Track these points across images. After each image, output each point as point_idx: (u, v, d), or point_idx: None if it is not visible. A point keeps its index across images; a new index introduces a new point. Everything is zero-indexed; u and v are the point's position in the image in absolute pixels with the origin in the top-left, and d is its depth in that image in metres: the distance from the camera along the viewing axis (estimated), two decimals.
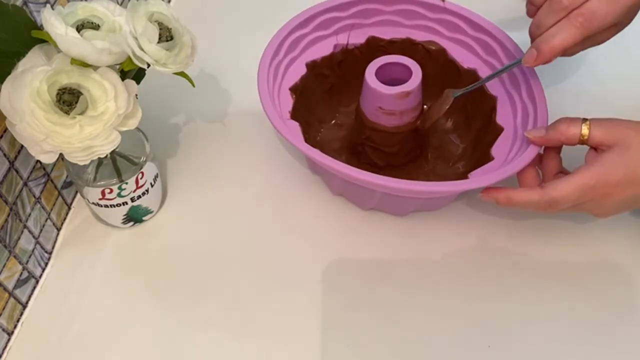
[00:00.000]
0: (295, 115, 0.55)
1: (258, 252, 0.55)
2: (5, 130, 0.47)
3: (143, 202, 0.54)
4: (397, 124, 0.53)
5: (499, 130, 0.55)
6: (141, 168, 0.52)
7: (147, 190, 0.54)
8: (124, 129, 0.45)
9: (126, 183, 0.51)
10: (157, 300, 0.52)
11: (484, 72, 0.58)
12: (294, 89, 0.57)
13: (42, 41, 0.44)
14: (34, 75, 0.41)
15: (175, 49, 0.45)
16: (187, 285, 0.53)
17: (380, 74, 0.52)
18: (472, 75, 0.58)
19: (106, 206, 0.53)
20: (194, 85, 0.50)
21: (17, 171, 0.49)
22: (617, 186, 0.45)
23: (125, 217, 0.55)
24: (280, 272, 0.54)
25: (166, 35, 0.44)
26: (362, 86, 0.54)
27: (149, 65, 0.44)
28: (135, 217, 0.56)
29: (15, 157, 0.49)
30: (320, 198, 0.58)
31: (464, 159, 0.59)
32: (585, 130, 0.47)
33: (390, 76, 0.53)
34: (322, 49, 0.60)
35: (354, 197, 0.57)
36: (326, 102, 0.63)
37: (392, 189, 0.48)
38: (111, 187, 0.51)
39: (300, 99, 0.57)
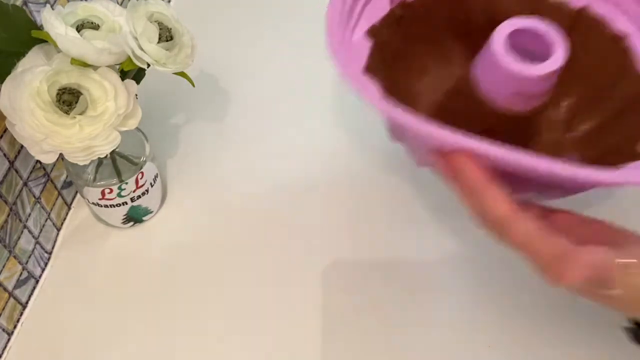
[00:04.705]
0: (372, 69, 0.42)
1: (258, 252, 0.55)
2: (5, 130, 0.47)
3: (143, 202, 0.54)
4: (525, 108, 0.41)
5: None
6: (141, 168, 0.52)
7: (147, 190, 0.54)
8: (124, 129, 0.45)
9: (126, 183, 0.51)
10: (156, 300, 0.52)
11: None
12: (372, 33, 0.44)
13: (42, 41, 0.44)
14: (34, 75, 0.41)
15: (175, 49, 0.45)
16: (187, 285, 0.53)
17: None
18: None
19: (106, 206, 0.53)
20: (194, 85, 0.50)
21: (17, 171, 0.49)
22: None
23: (125, 217, 0.55)
24: (280, 272, 0.54)
25: (166, 35, 0.44)
26: (483, 61, 0.41)
27: (148, 65, 0.44)
28: (135, 217, 0.56)
29: (15, 157, 0.49)
30: (320, 198, 0.59)
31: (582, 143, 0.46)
32: None
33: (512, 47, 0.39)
34: None
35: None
36: (417, 55, 0.48)
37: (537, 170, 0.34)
38: (111, 187, 0.51)
39: (380, 47, 0.43)
